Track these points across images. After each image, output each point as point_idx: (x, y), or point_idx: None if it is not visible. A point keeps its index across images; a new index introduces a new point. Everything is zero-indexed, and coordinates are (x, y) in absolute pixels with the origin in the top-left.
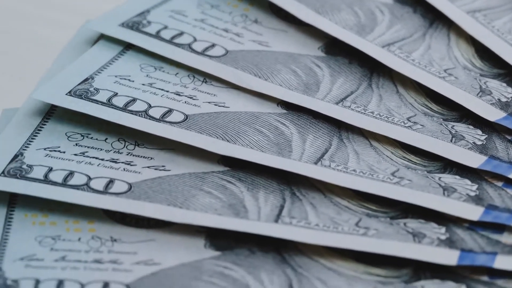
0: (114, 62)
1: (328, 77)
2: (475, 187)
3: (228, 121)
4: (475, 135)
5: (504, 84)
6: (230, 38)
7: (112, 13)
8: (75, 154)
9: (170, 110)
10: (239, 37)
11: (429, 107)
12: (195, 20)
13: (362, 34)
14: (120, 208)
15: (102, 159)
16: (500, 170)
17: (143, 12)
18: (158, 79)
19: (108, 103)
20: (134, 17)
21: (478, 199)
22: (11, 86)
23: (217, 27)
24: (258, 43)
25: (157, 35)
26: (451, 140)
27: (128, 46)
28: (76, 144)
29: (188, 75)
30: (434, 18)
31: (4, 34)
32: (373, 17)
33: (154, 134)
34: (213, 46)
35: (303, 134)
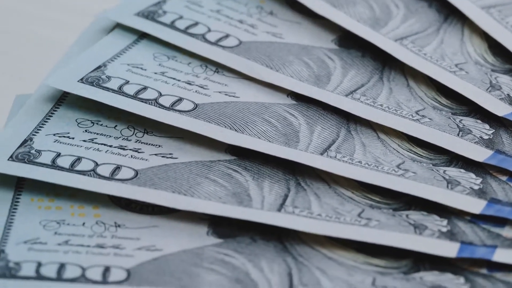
0: (127, 50)
1: (339, 69)
2: (479, 181)
3: (237, 110)
4: (483, 130)
5: None
6: (245, 29)
7: (128, 2)
8: (84, 140)
9: (180, 99)
10: (254, 28)
11: (438, 101)
12: (211, 10)
13: (376, 27)
14: (125, 194)
15: (111, 146)
16: (505, 164)
17: (159, 2)
18: (170, 68)
19: (119, 91)
20: (150, 6)
21: (481, 193)
22: (11, 86)
23: (232, 18)
24: (272, 35)
25: (171, 25)
26: (458, 134)
27: (142, 35)
28: (85, 130)
29: (200, 65)
30: (449, 13)
31: (4, 34)
32: (388, 11)
33: (163, 122)
34: (227, 36)
35: (311, 125)
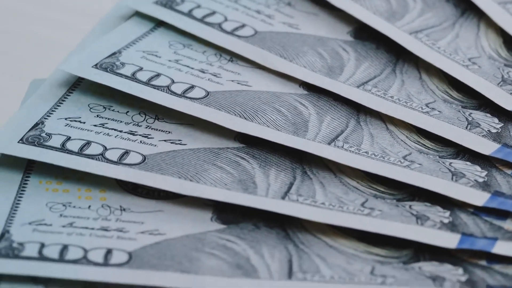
0: (144, 38)
1: (353, 61)
2: (484, 174)
3: (248, 99)
4: (491, 123)
5: None
6: (261, 20)
7: None
8: (95, 125)
9: (192, 86)
10: (270, 18)
11: (449, 94)
12: (229, 0)
13: (391, 20)
14: (131, 178)
15: (121, 131)
16: (511, 158)
17: None
18: (185, 56)
19: (132, 77)
20: None
21: (485, 185)
22: (11, 86)
23: (249, 8)
24: (288, 25)
25: (189, 14)
26: (467, 127)
27: (160, 24)
28: (97, 115)
29: (215, 54)
30: (466, 7)
31: (4, 34)
32: (404, 4)
33: (174, 109)
34: (243, 26)
35: (321, 115)
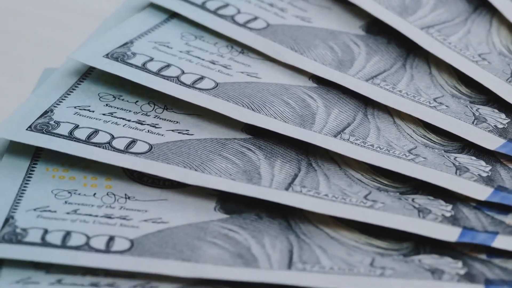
0: (156, 29)
1: (364, 55)
2: (488, 168)
3: (257, 91)
4: (498, 119)
5: None
6: (274, 13)
7: None
8: (103, 114)
9: (201, 77)
10: (283, 12)
11: (458, 89)
12: None
13: (403, 15)
14: (137, 167)
15: (129, 120)
16: None
17: None
18: (196, 48)
19: (142, 67)
20: None
21: (489, 180)
22: (11, 86)
23: (262, 1)
24: (301, 19)
25: (202, 6)
26: (473, 121)
27: (173, 15)
28: (106, 104)
29: (226, 46)
30: (479, 4)
31: (4, 34)
32: None
33: (182, 99)
34: (255, 19)
35: (329, 107)
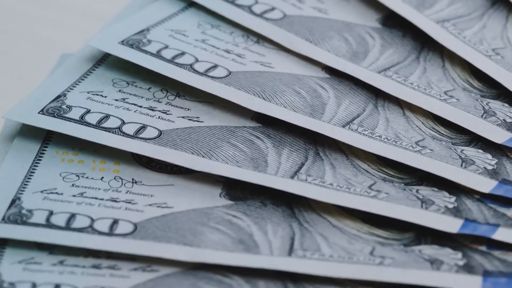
0: (174, 17)
1: (378, 47)
2: (494, 162)
3: (269, 80)
4: (508, 113)
5: None
6: (292, 4)
7: None
8: (116, 100)
9: (215, 66)
10: (300, 3)
11: (470, 83)
12: None
13: (420, 8)
14: (145, 152)
15: (140, 106)
16: None
17: None
18: (212, 36)
19: (156, 54)
20: None
21: (494, 173)
22: (11, 86)
23: None
24: (318, 10)
25: None
26: (482, 115)
27: (190, 4)
28: (119, 90)
29: (242, 35)
30: None
31: (4, 34)
32: None
33: (194, 86)
34: (272, 9)
35: (340, 98)
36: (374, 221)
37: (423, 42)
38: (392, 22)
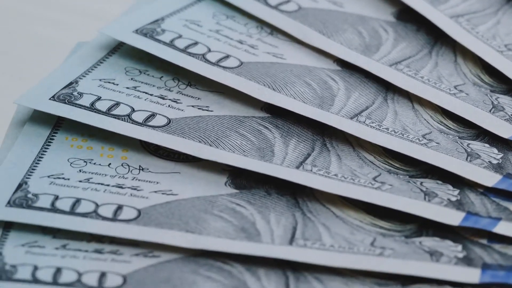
0: (189, 7)
1: (391, 40)
2: (500, 156)
3: (280, 71)
4: None
5: None
6: None
7: None
8: (127, 87)
9: (227, 56)
10: None
11: (481, 78)
12: None
13: (435, 3)
14: (153, 140)
15: (151, 94)
16: None
17: None
18: (226, 27)
19: (170, 44)
20: None
21: (498, 167)
22: (11, 86)
23: None
24: (333, 3)
25: None
26: (490, 110)
27: None
28: (131, 78)
29: (256, 26)
30: None
31: (4, 34)
32: None
33: (205, 76)
34: (287, 2)
35: (350, 90)
36: (377, 212)
37: (437, 37)
38: (407, 16)
